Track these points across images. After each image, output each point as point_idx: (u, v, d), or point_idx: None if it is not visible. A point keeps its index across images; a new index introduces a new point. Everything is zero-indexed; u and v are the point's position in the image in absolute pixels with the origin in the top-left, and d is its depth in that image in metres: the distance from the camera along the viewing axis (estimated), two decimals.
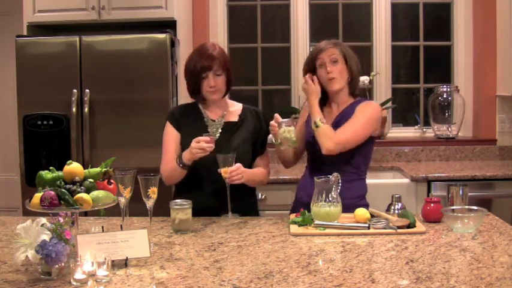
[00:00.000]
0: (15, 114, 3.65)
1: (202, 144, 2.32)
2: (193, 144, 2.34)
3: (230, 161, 2.34)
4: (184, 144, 2.46)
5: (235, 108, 2.64)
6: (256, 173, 2.54)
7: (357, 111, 2.50)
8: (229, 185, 2.36)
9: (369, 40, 4.45)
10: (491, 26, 4.17)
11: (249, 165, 2.51)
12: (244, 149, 2.50)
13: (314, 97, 2.48)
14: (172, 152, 2.51)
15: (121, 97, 3.57)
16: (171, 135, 2.56)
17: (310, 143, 2.56)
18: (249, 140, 2.56)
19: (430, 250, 1.90)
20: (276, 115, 2.43)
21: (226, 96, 2.65)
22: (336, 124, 2.51)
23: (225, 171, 2.33)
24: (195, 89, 2.54)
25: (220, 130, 2.55)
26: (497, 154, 4.19)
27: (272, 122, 2.43)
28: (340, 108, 2.58)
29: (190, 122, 2.56)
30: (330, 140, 2.41)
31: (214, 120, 2.57)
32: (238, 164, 2.36)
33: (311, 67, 2.55)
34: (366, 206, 2.49)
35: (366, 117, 2.48)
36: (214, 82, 2.48)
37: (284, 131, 2.39)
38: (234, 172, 2.33)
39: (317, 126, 2.43)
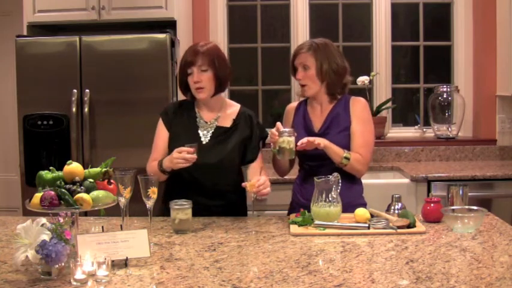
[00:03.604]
0: (15, 114, 3.65)
1: (184, 155, 2.27)
2: (175, 154, 2.29)
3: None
4: (172, 146, 2.42)
5: (231, 111, 2.56)
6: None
7: (354, 118, 2.52)
8: (255, 198, 2.30)
9: (369, 40, 4.45)
10: (491, 26, 4.17)
11: (236, 173, 2.47)
12: (230, 158, 2.45)
13: (323, 141, 2.41)
14: (159, 152, 2.49)
15: (121, 97, 3.57)
16: (160, 133, 2.53)
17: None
18: (238, 148, 2.50)
19: (430, 250, 1.90)
20: (278, 124, 2.38)
21: (223, 96, 2.60)
22: (330, 125, 2.53)
23: (251, 185, 2.26)
24: (182, 86, 2.50)
25: (210, 134, 2.50)
26: (497, 154, 4.20)
27: (273, 130, 2.36)
28: (325, 108, 2.58)
29: (182, 121, 2.52)
30: (363, 164, 2.48)
31: (207, 122, 2.52)
32: (264, 178, 2.30)
33: (293, 68, 2.57)
34: (364, 205, 2.50)
35: (366, 123, 2.55)
36: (197, 77, 2.41)
37: (283, 141, 2.33)
38: (261, 186, 2.26)
39: (348, 159, 2.43)
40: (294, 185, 2.70)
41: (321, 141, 2.40)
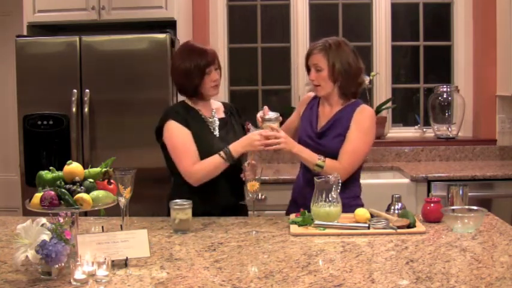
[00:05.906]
0: (15, 114, 3.65)
1: (273, 140, 2.35)
2: (259, 137, 2.35)
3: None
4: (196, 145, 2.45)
5: (217, 105, 2.66)
6: None
7: (354, 124, 2.48)
8: (255, 198, 2.29)
9: (369, 40, 4.45)
10: (491, 26, 4.17)
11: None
12: None
13: (293, 146, 2.43)
14: (194, 150, 2.42)
15: (121, 97, 3.57)
16: (184, 133, 2.44)
17: (305, 143, 2.52)
18: (241, 135, 2.55)
19: (430, 250, 1.90)
20: (265, 108, 2.43)
21: None
22: (330, 127, 2.52)
23: (251, 185, 2.23)
24: (195, 88, 2.49)
25: (217, 126, 2.56)
26: (497, 154, 4.20)
27: (258, 115, 2.42)
28: (333, 109, 2.56)
29: (193, 120, 2.52)
30: (337, 170, 2.41)
31: (209, 118, 2.57)
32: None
33: (307, 68, 2.57)
34: (361, 206, 2.49)
35: (363, 132, 2.49)
36: (217, 75, 2.52)
37: (267, 127, 2.38)
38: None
39: (321, 167, 2.41)
40: (294, 184, 2.69)
41: (288, 146, 2.39)
